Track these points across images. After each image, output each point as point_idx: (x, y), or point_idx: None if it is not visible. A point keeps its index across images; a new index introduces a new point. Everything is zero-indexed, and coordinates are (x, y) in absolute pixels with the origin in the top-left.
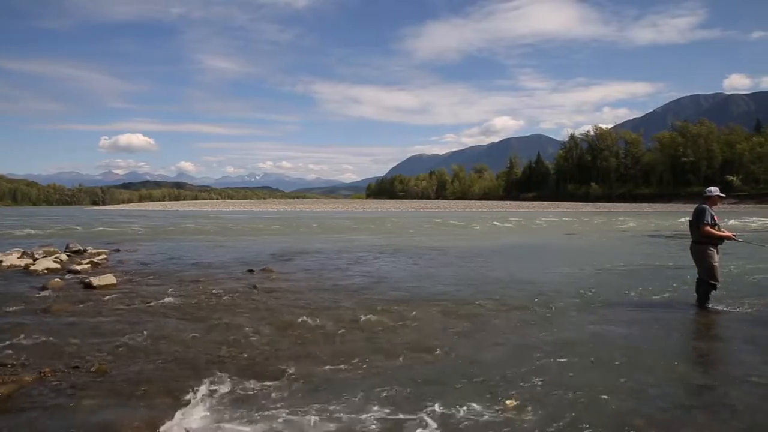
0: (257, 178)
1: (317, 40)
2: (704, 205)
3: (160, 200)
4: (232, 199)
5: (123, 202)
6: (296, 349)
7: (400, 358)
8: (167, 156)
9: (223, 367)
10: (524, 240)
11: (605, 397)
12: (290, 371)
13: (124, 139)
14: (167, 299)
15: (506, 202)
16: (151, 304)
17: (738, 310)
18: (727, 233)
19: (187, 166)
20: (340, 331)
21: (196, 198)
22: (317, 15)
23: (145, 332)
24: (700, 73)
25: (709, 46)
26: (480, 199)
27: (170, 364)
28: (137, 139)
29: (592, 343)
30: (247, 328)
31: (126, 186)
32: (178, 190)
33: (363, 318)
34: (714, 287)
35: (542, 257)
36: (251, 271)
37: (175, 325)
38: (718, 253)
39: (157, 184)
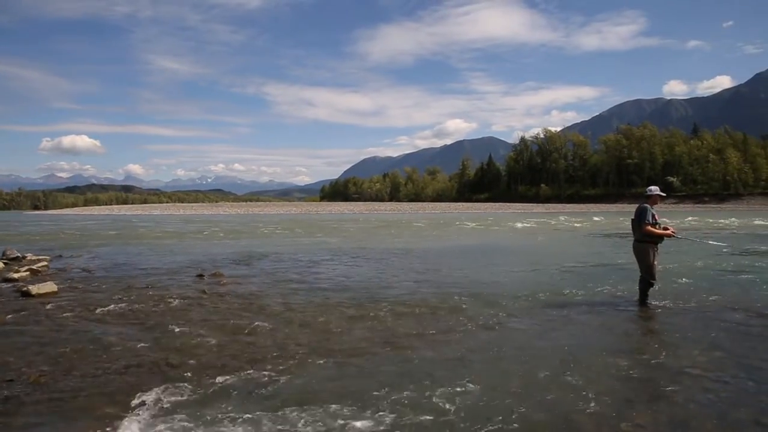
0: (209, 180)
1: (270, 42)
2: (645, 205)
3: (107, 204)
4: (183, 202)
5: (67, 207)
6: (245, 354)
7: (350, 360)
8: (114, 158)
9: (169, 374)
10: (477, 241)
11: (548, 394)
12: (239, 377)
13: (68, 140)
14: (112, 306)
15: (459, 203)
16: (95, 311)
17: (677, 305)
18: (667, 231)
19: (135, 169)
20: (290, 335)
21: (145, 202)
22: (270, 16)
23: (87, 341)
24: (642, 79)
25: (650, 54)
26: (433, 200)
27: (114, 373)
28: (82, 141)
29: (537, 341)
30: (195, 334)
31: (70, 189)
32: (127, 193)
33: (313, 320)
34: (651, 285)
35: (492, 258)
36: (201, 276)
37: (120, 332)
38: (658, 252)
39: (104, 188)
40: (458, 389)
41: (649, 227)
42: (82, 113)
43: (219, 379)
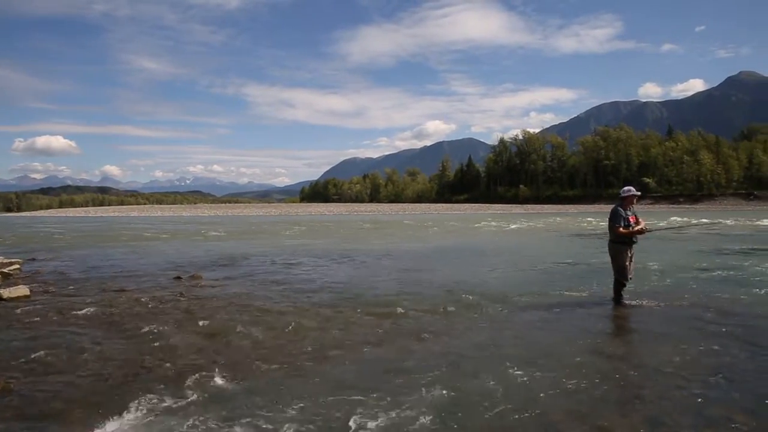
0: (187, 182)
1: (249, 42)
2: (618, 207)
3: (82, 206)
4: (161, 204)
5: (41, 208)
6: (223, 357)
7: (327, 361)
8: (91, 159)
9: (145, 379)
10: (457, 242)
11: (524, 394)
12: (216, 380)
13: (42, 141)
14: (87, 310)
15: (439, 204)
16: (69, 315)
17: (652, 304)
18: (639, 227)
19: (112, 170)
20: (267, 337)
21: (122, 203)
22: (249, 17)
23: (60, 345)
24: (618, 81)
25: (626, 56)
26: (413, 201)
27: (87, 378)
28: (57, 142)
29: (513, 341)
30: (172, 338)
31: (44, 191)
32: (103, 195)
33: (292, 322)
34: (624, 285)
35: (470, 259)
36: (179, 278)
37: (95, 336)
38: (632, 252)
39: (80, 189)
40: (432, 391)
41: (621, 229)
42: (56, 113)
43: (195, 382)
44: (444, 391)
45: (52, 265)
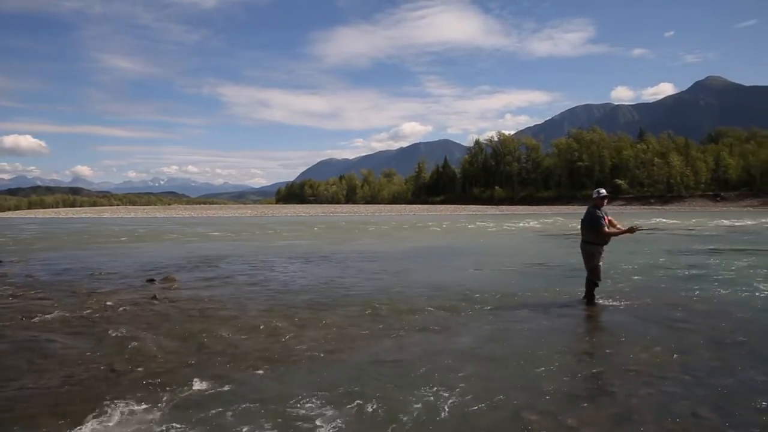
0: (162, 183)
1: (225, 42)
2: (595, 209)
3: (53, 207)
4: (134, 205)
5: (9, 210)
6: (196, 361)
7: (301, 364)
8: (61, 160)
9: (116, 383)
10: (432, 243)
11: (498, 394)
12: (189, 384)
13: (9, 140)
14: (56, 313)
15: (415, 205)
16: (36, 319)
17: (623, 304)
18: (628, 228)
19: (84, 170)
20: (241, 340)
21: (94, 204)
22: (225, 16)
23: (27, 350)
24: (592, 85)
25: (598, 60)
26: (390, 203)
27: (56, 383)
28: (26, 141)
29: (486, 342)
30: (143, 341)
31: (12, 192)
32: (74, 196)
33: (265, 325)
34: (596, 285)
35: (446, 260)
36: (152, 280)
37: (64, 341)
38: (603, 253)
39: (50, 190)
40: (405, 392)
41: (608, 230)
42: (25, 112)
43: (167, 386)
44: (417, 392)
45: (20, 267)
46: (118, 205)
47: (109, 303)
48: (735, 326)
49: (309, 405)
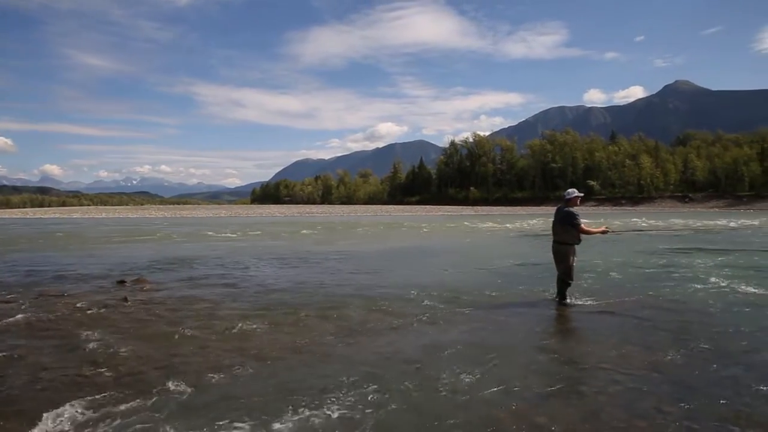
0: (134, 183)
1: (199, 41)
2: (571, 209)
3: (20, 207)
4: (105, 205)
5: None
6: (166, 363)
7: (274, 365)
8: (29, 158)
9: (82, 387)
10: (407, 243)
11: (469, 393)
12: (159, 387)
13: None
14: (20, 316)
15: (391, 206)
16: (1, 322)
17: (593, 303)
18: (600, 228)
19: (53, 169)
20: (213, 342)
21: (63, 204)
22: (200, 14)
23: None
24: (565, 87)
25: (572, 63)
26: (365, 203)
27: (21, 388)
28: None
29: (458, 342)
30: (113, 345)
31: None
32: (43, 195)
33: (238, 326)
34: (569, 284)
35: (421, 259)
36: (122, 282)
37: (29, 344)
38: (575, 254)
39: (17, 190)
40: (378, 392)
41: (585, 228)
42: None
43: (136, 391)
44: (390, 392)
45: None
46: (89, 205)
47: (78, 305)
48: (701, 323)
49: (281, 406)
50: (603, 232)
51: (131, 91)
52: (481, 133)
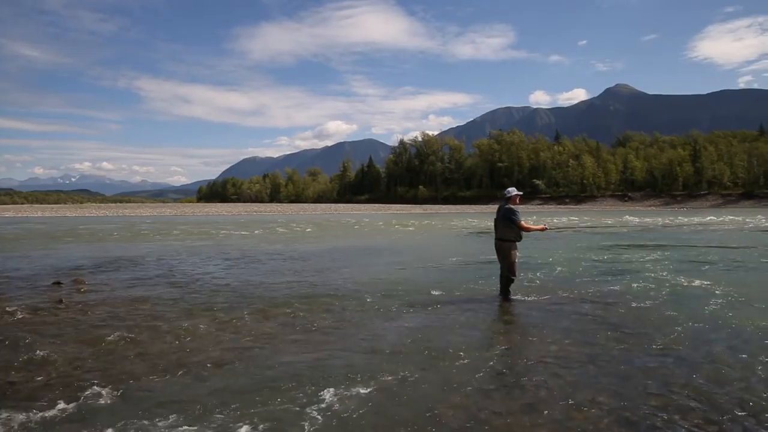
0: (73, 180)
1: (143, 34)
2: (512, 207)
3: None
4: (42, 203)
5: None
6: (102, 368)
7: (216, 367)
8: None
9: (10, 395)
10: (356, 242)
11: (412, 391)
12: (91, 392)
13: None
14: None
15: (340, 204)
16: None
17: (536, 299)
18: (540, 226)
19: None
20: (154, 344)
21: None
22: (144, 7)
23: None
24: (512, 88)
25: (518, 65)
26: (314, 201)
27: None
28: None
29: (401, 340)
30: (45, 349)
31: None
32: None
33: (180, 327)
34: (512, 281)
35: (368, 258)
36: (59, 283)
37: None
38: (517, 250)
39: None
40: (321, 394)
41: (525, 224)
42: None
43: (66, 397)
44: (333, 393)
45: None
46: (22, 203)
47: (8, 309)
48: (637, 316)
49: (220, 408)
50: (542, 230)
51: (70, 84)
52: (430, 133)
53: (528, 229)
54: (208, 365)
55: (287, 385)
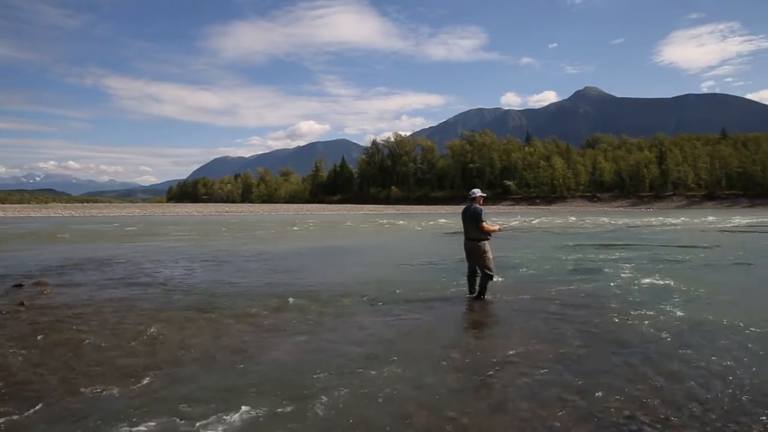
0: (37, 179)
1: (112, 31)
2: (478, 206)
3: None
4: (4, 203)
5: None
6: (63, 372)
7: (181, 371)
8: None
9: None
10: (326, 243)
11: (381, 391)
12: (52, 396)
13: None
14: None
15: (312, 204)
16: None
17: (505, 298)
18: (496, 227)
19: None
20: (118, 347)
21: None
22: (112, 2)
23: None
24: (484, 89)
25: (490, 67)
26: (286, 202)
27: None
28: None
29: (370, 339)
30: (5, 354)
31: None
32: None
33: (146, 330)
34: (491, 278)
35: (342, 259)
36: (20, 285)
37: None
38: (489, 247)
39: None
40: (285, 395)
41: (486, 225)
42: None
43: (24, 403)
44: (298, 394)
45: None
46: None
47: None
48: (603, 316)
49: (189, 411)
50: (498, 230)
51: (34, 81)
52: (403, 133)
53: (488, 231)
54: (175, 369)
55: (246, 391)
